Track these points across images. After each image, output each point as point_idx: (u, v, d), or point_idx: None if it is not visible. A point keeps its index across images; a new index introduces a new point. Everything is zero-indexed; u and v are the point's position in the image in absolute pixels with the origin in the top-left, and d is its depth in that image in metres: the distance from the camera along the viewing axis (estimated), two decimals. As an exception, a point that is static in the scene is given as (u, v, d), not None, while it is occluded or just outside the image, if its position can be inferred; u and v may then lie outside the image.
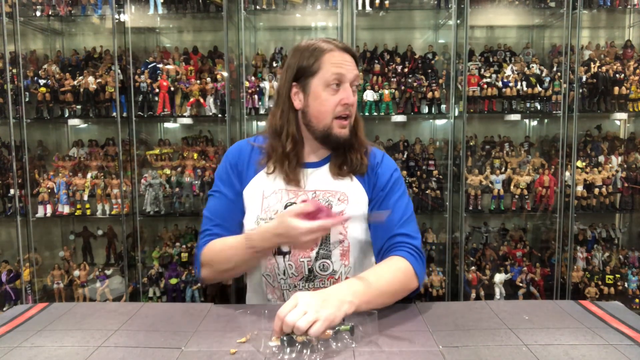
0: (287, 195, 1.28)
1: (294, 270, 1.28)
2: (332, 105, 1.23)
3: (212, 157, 3.04)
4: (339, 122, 1.24)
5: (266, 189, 1.29)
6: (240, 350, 0.94)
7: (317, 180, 1.30)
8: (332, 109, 1.23)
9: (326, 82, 1.23)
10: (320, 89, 1.23)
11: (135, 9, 2.89)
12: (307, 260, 1.27)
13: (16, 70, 2.89)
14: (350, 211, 1.27)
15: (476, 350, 0.94)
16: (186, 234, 3.14)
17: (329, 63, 1.23)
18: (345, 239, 1.28)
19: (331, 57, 1.23)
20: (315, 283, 1.28)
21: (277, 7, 2.93)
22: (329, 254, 1.27)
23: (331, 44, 1.25)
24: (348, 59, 1.24)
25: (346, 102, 1.22)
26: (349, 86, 1.23)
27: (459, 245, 2.88)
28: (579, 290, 2.88)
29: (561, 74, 2.85)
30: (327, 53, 1.23)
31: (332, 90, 1.23)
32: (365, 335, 0.99)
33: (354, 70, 1.24)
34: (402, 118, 2.96)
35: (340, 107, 1.23)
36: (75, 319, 1.13)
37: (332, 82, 1.22)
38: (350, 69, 1.23)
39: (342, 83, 1.23)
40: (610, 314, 1.13)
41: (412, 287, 1.19)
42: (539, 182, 2.89)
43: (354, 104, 1.26)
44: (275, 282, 1.30)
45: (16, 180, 2.92)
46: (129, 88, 2.87)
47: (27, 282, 2.97)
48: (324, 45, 1.24)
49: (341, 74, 1.22)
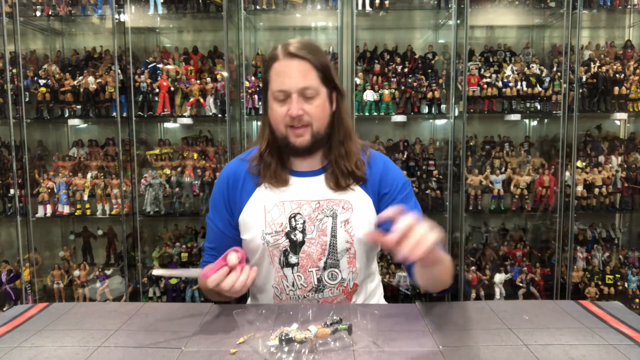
0: (290, 206, 1.27)
1: (302, 282, 1.27)
2: (280, 116, 1.21)
3: (212, 157, 3.04)
4: (292, 131, 1.23)
5: (267, 204, 1.28)
6: (240, 350, 0.94)
7: (317, 190, 1.29)
8: (282, 120, 1.22)
9: (273, 95, 1.21)
10: (272, 100, 1.23)
11: (135, 9, 2.89)
12: (316, 270, 1.26)
13: (16, 70, 2.88)
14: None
15: (476, 350, 0.94)
16: (186, 234, 3.14)
17: (274, 75, 1.21)
18: (351, 247, 1.27)
19: (275, 67, 1.20)
20: (325, 293, 1.27)
21: (277, 7, 2.93)
22: (337, 262, 1.26)
23: (280, 51, 1.20)
24: (295, 67, 1.18)
25: (290, 114, 1.19)
26: (295, 97, 1.19)
27: (459, 245, 2.88)
28: (579, 290, 2.88)
29: (561, 74, 2.85)
30: (274, 63, 1.21)
31: (279, 102, 1.21)
32: (364, 335, 0.99)
33: (300, 80, 1.18)
34: (402, 118, 2.96)
35: (288, 118, 1.21)
36: (75, 319, 1.13)
37: (278, 95, 1.20)
38: (294, 80, 1.18)
39: (287, 95, 1.19)
40: (610, 314, 1.13)
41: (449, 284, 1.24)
42: (539, 182, 2.89)
43: (310, 112, 1.20)
44: (283, 294, 1.29)
45: (16, 180, 2.92)
46: (129, 88, 2.87)
47: (27, 282, 2.97)
48: (273, 53, 1.22)
49: (282, 90, 1.19)
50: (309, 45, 1.21)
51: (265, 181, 1.28)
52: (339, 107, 1.29)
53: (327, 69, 1.23)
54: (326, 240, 1.25)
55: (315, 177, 1.30)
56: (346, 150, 1.28)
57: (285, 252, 1.26)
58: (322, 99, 1.23)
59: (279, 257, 1.26)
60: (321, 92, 1.22)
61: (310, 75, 1.19)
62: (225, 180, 1.33)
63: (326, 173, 1.29)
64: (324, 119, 1.24)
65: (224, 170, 1.36)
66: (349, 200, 1.27)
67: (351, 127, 1.33)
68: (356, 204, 1.27)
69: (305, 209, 1.26)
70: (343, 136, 1.29)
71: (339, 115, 1.29)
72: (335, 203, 1.27)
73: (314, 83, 1.20)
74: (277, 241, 1.25)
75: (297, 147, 1.24)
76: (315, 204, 1.27)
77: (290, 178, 1.30)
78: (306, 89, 1.19)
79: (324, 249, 1.25)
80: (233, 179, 1.32)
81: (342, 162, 1.27)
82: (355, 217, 1.26)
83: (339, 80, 1.31)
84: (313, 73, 1.20)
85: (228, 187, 1.32)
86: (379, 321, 1.07)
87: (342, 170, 1.27)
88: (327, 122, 1.26)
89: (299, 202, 1.27)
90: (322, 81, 1.22)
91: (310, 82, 1.19)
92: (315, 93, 1.20)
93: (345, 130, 1.30)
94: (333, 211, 1.26)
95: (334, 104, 1.28)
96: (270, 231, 1.26)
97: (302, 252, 1.25)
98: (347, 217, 1.26)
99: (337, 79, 1.28)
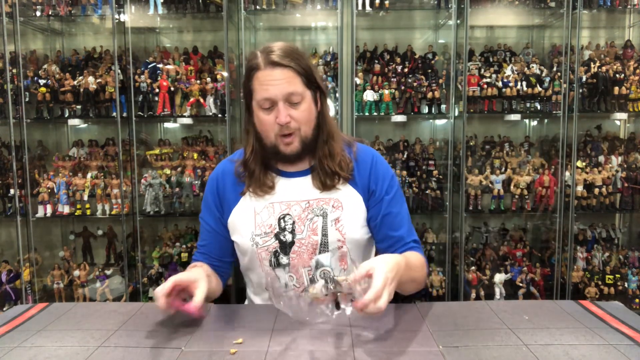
0: (279, 207, 1.28)
1: (295, 282, 1.27)
2: (270, 125, 1.21)
3: (212, 157, 3.04)
4: (282, 140, 1.23)
5: (257, 206, 1.29)
6: (240, 351, 0.94)
7: (305, 190, 1.30)
8: (272, 128, 1.22)
9: (259, 104, 1.21)
10: (257, 109, 1.22)
11: (135, 9, 2.89)
12: (307, 270, 1.27)
13: (16, 70, 2.88)
14: None
15: (476, 350, 0.94)
16: (186, 234, 3.14)
17: (257, 84, 1.19)
18: (343, 245, 1.27)
19: (258, 77, 1.19)
20: None
21: (277, 7, 2.93)
22: None
23: (261, 59, 1.19)
24: (277, 76, 1.17)
25: (279, 122, 1.19)
26: (282, 105, 1.18)
27: (459, 245, 2.88)
28: (579, 290, 2.88)
29: (561, 74, 2.85)
30: (256, 73, 1.19)
31: (266, 110, 1.21)
32: (364, 335, 0.98)
33: (285, 87, 1.17)
34: (402, 118, 2.96)
35: (277, 126, 1.21)
36: (75, 319, 1.13)
37: (264, 104, 1.20)
38: (279, 88, 1.17)
39: (274, 104, 1.19)
40: (610, 314, 1.13)
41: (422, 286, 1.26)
42: (539, 182, 2.89)
43: (297, 118, 1.20)
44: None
45: (16, 180, 2.92)
46: (129, 88, 2.87)
47: (27, 282, 2.97)
48: (254, 62, 1.20)
49: (268, 98, 1.18)
50: (290, 52, 1.20)
51: (249, 190, 1.30)
52: (322, 106, 1.29)
53: (310, 72, 1.22)
54: (317, 239, 1.26)
55: (304, 177, 1.31)
56: (329, 150, 1.28)
57: (276, 253, 1.27)
58: (308, 103, 1.23)
59: (270, 258, 1.27)
60: (306, 96, 1.22)
61: (295, 82, 1.19)
62: (215, 181, 1.35)
63: (313, 173, 1.30)
64: (311, 122, 1.25)
65: (214, 170, 1.39)
66: (338, 198, 1.29)
67: (335, 125, 1.33)
68: (346, 202, 1.28)
69: (295, 210, 1.27)
70: (327, 136, 1.29)
71: (322, 114, 1.29)
72: (325, 202, 1.28)
73: (298, 89, 1.19)
74: (266, 242, 1.27)
75: (288, 155, 1.25)
76: (305, 203, 1.28)
77: (279, 179, 1.31)
78: (292, 95, 1.19)
79: (315, 249, 1.26)
80: (222, 181, 1.34)
81: (326, 162, 1.28)
82: (346, 216, 1.27)
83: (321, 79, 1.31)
84: (297, 79, 1.19)
85: (218, 188, 1.35)
86: (379, 321, 1.07)
87: (326, 170, 1.27)
88: (314, 124, 1.26)
89: (288, 203, 1.28)
90: (305, 85, 1.21)
91: (295, 88, 1.19)
92: (300, 98, 1.20)
93: (329, 130, 1.30)
94: (323, 210, 1.27)
95: (318, 105, 1.28)
96: (260, 232, 1.27)
97: (293, 252, 1.26)
98: (337, 216, 1.27)
99: (320, 79, 1.27)
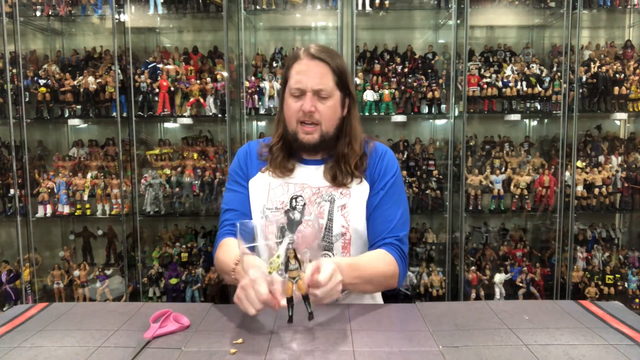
0: (294, 188, 1.35)
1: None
2: (294, 111, 1.31)
3: (212, 157, 3.04)
4: (302, 128, 1.31)
5: (273, 182, 1.37)
6: (240, 351, 0.95)
7: (318, 177, 1.36)
8: (295, 115, 1.31)
9: (290, 91, 1.31)
10: (288, 95, 1.33)
11: (135, 9, 2.89)
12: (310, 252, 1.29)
13: (16, 70, 2.89)
14: None
15: (476, 350, 0.94)
16: (186, 234, 3.14)
17: (294, 72, 1.30)
18: (347, 232, 1.32)
19: (296, 66, 1.30)
20: None
21: (277, 7, 2.93)
22: (331, 245, 1.32)
23: (302, 52, 1.31)
24: (314, 68, 1.28)
25: (302, 110, 1.29)
26: (309, 95, 1.28)
27: (459, 245, 2.88)
28: (579, 290, 2.88)
29: (561, 74, 2.85)
30: (296, 62, 1.31)
31: (295, 98, 1.30)
32: (364, 335, 0.98)
33: (317, 80, 1.28)
34: (402, 118, 2.96)
35: (301, 113, 1.30)
36: (75, 319, 1.14)
37: (294, 92, 1.29)
38: (312, 79, 1.28)
39: (303, 93, 1.29)
40: (610, 314, 1.13)
41: (391, 286, 1.30)
42: (539, 182, 2.89)
43: (321, 111, 1.30)
44: None
45: (16, 180, 2.92)
46: (129, 88, 2.87)
47: (27, 282, 2.97)
48: (297, 53, 1.32)
49: (299, 88, 1.29)
50: (329, 50, 1.32)
51: (269, 169, 1.38)
52: (350, 113, 1.38)
53: (344, 75, 1.32)
54: (322, 223, 1.31)
55: (319, 165, 1.38)
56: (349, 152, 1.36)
57: (282, 229, 1.31)
58: (335, 101, 1.31)
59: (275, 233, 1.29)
60: (335, 94, 1.31)
61: (327, 78, 1.29)
62: (244, 152, 1.46)
63: (326, 165, 1.37)
64: (333, 120, 1.33)
65: (244, 146, 1.49)
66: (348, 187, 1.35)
67: (361, 134, 1.40)
68: (354, 191, 1.35)
69: (307, 192, 1.34)
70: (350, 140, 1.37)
71: (349, 120, 1.37)
72: (334, 189, 1.35)
73: (329, 85, 1.29)
74: (276, 217, 1.33)
75: (305, 144, 1.33)
76: (315, 189, 1.35)
77: (299, 165, 1.39)
78: (321, 89, 1.28)
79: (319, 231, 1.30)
80: (250, 154, 1.45)
81: (343, 162, 1.35)
82: (352, 203, 1.33)
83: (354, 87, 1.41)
84: (330, 76, 1.29)
85: (246, 157, 1.45)
86: (379, 321, 1.07)
87: (342, 169, 1.35)
88: (336, 124, 1.34)
89: (302, 185, 1.35)
90: (337, 85, 1.31)
91: (326, 83, 1.29)
92: (328, 94, 1.30)
93: (353, 137, 1.37)
94: (331, 196, 1.33)
95: (345, 109, 1.36)
96: (271, 207, 1.34)
97: (298, 231, 1.31)
98: (344, 203, 1.33)
99: (352, 85, 1.37)
